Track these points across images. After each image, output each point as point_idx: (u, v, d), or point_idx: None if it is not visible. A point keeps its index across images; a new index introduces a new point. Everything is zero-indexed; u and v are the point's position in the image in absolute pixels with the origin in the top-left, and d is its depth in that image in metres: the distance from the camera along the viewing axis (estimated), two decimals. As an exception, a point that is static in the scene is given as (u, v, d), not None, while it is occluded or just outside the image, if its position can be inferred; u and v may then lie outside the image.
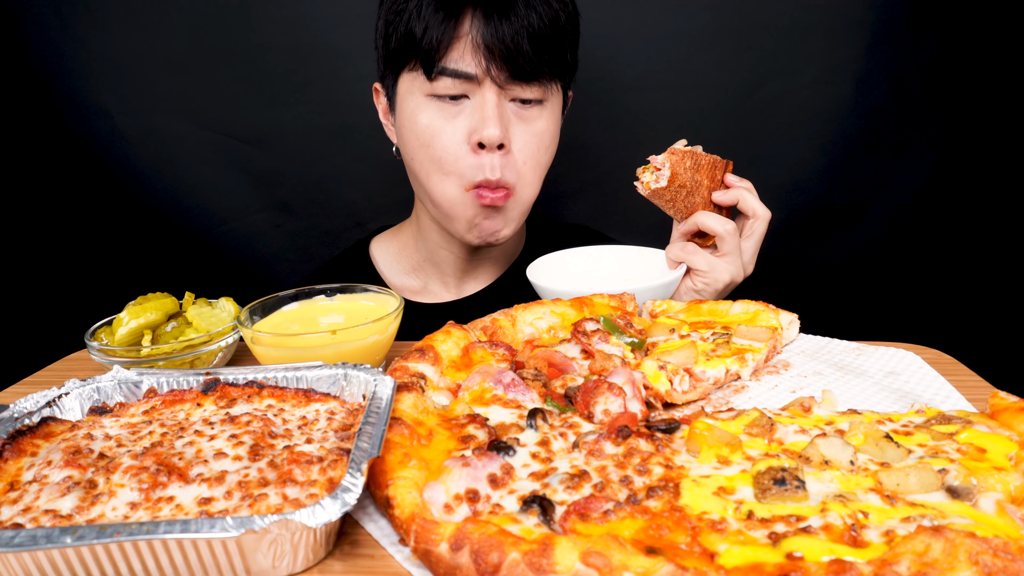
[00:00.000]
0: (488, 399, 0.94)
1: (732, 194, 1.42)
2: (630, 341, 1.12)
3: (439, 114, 1.43)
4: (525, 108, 1.45)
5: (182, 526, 0.63)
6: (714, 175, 1.43)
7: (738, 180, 1.44)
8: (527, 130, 1.46)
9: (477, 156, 1.43)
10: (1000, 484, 0.72)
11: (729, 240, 1.38)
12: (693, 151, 1.39)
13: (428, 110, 1.44)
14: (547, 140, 1.50)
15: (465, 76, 1.38)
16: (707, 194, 1.43)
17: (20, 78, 2.21)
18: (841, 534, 0.65)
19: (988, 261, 2.39)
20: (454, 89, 1.40)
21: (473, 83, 1.39)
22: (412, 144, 1.49)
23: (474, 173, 1.44)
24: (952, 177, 2.32)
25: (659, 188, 1.38)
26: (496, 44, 1.34)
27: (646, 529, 0.67)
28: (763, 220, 1.42)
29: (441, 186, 1.48)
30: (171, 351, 1.14)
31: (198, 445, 0.82)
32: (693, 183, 1.40)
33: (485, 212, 1.49)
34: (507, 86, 1.40)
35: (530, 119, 1.46)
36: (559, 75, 1.48)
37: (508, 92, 1.42)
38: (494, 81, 1.38)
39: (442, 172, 1.46)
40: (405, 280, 1.81)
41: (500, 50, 1.34)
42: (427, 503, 0.72)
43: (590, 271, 1.55)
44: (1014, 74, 2.20)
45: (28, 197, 2.33)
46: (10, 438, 0.83)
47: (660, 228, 1.62)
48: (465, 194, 1.47)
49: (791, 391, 1.07)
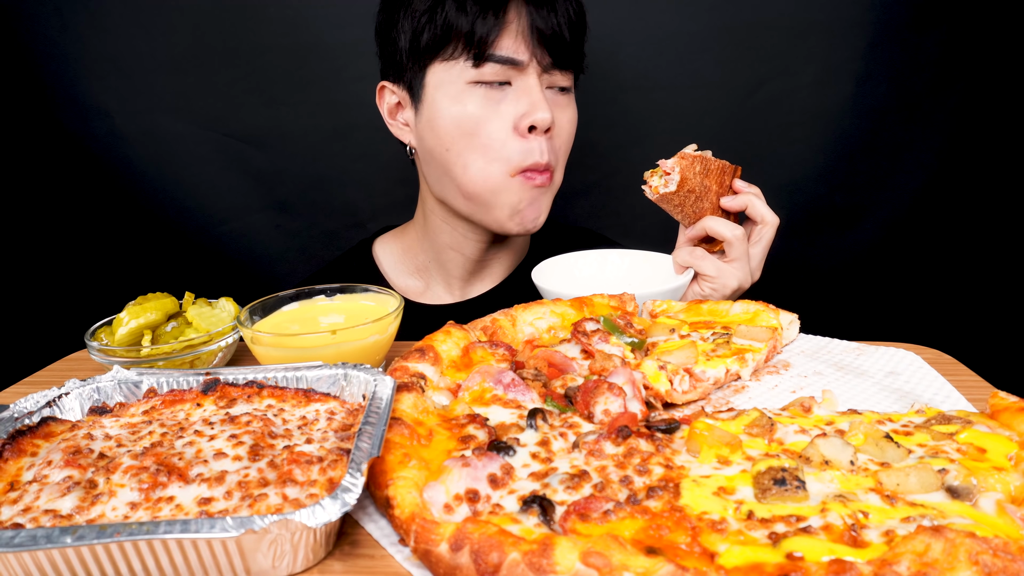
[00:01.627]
0: (488, 399, 0.93)
1: (741, 199, 1.41)
2: (630, 341, 1.12)
3: (484, 101, 1.44)
4: (560, 95, 1.51)
5: (182, 526, 0.63)
6: (723, 180, 1.42)
7: (747, 186, 1.44)
8: (562, 116, 1.51)
9: (525, 141, 1.46)
10: (1000, 484, 0.72)
11: (737, 245, 1.37)
12: (703, 156, 1.38)
13: (472, 98, 1.44)
14: (573, 128, 1.56)
15: (512, 62, 1.42)
16: (715, 199, 1.42)
17: (20, 78, 2.21)
18: (841, 534, 0.65)
19: (988, 261, 2.39)
20: (500, 76, 1.43)
21: (517, 69, 1.43)
22: (450, 134, 1.48)
23: (523, 158, 1.46)
24: (952, 177, 2.32)
25: (668, 193, 1.37)
26: (545, 30, 1.40)
27: (646, 529, 0.67)
28: (771, 226, 1.41)
29: (484, 174, 1.48)
30: (171, 351, 1.14)
31: (198, 445, 0.82)
32: (702, 188, 1.39)
33: (530, 197, 1.52)
34: (549, 72, 1.46)
35: (563, 105, 1.52)
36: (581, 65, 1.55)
37: (547, 79, 1.47)
38: (539, 66, 1.43)
39: (487, 159, 1.47)
40: (408, 281, 1.81)
41: (547, 36, 1.41)
42: (427, 503, 0.72)
43: (596, 275, 1.54)
44: (1014, 74, 2.20)
45: (28, 197, 2.33)
46: (10, 438, 0.83)
47: (660, 230, 1.63)
48: (511, 180, 1.49)
49: (791, 391, 1.07)
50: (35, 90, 2.22)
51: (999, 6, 2.15)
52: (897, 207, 2.35)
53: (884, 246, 2.39)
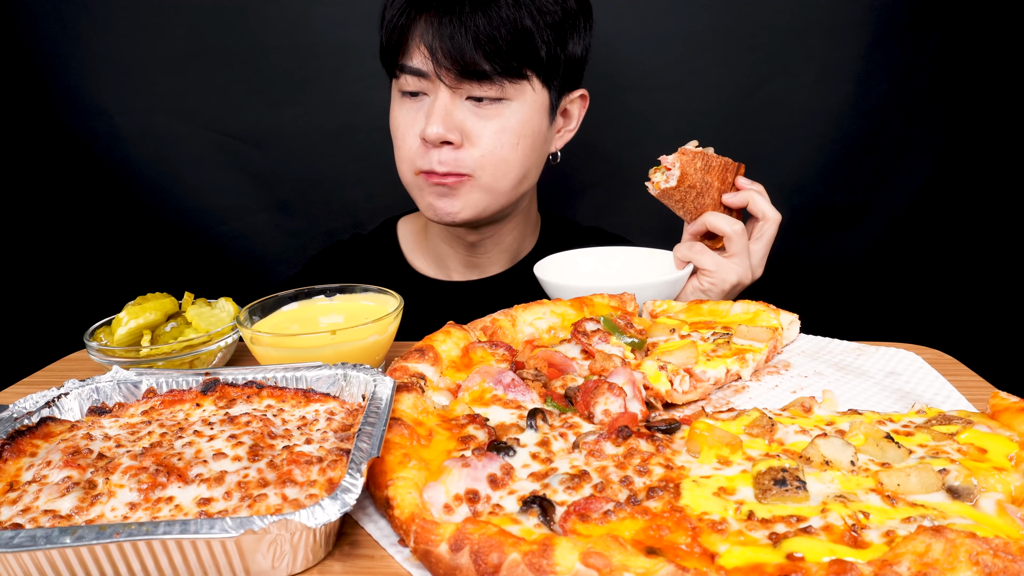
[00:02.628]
0: (488, 399, 0.93)
1: (742, 196, 1.42)
2: (630, 341, 1.12)
3: (402, 110, 1.55)
4: (481, 106, 1.48)
5: (181, 526, 0.63)
6: (725, 177, 1.42)
7: (749, 183, 1.44)
8: (486, 126, 1.49)
9: (427, 149, 1.51)
10: (1000, 484, 0.72)
11: (737, 240, 1.39)
12: (704, 152, 1.39)
13: (398, 107, 1.57)
14: (510, 137, 1.51)
15: (419, 74, 1.46)
16: (717, 196, 1.43)
17: (20, 78, 2.20)
18: (842, 534, 0.65)
19: (988, 261, 2.39)
20: (414, 86, 1.50)
21: (429, 81, 1.46)
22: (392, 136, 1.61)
23: (422, 163, 1.53)
24: (952, 177, 2.32)
25: (668, 188, 1.38)
26: (439, 45, 1.41)
27: (646, 529, 0.67)
28: (773, 223, 1.42)
29: (400, 172, 1.62)
30: (170, 351, 1.14)
31: (197, 445, 0.82)
32: (703, 184, 1.40)
33: (437, 192, 1.55)
34: (459, 84, 1.45)
35: (489, 116, 1.49)
36: (518, 74, 1.46)
37: (463, 90, 1.46)
38: (443, 80, 1.44)
39: (399, 159, 1.60)
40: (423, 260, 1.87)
41: (443, 50, 1.41)
42: (427, 503, 0.72)
43: (598, 270, 1.56)
44: (1014, 74, 2.20)
45: (28, 197, 2.33)
46: (9, 438, 0.83)
47: (660, 229, 1.63)
48: (416, 177, 1.56)
49: (791, 391, 1.07)
50: (35, 90, 2.22)
51: (998, 6, 2.14)
52: (897, 207, 2.35)
53: (884, 246, 2.39)
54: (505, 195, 1.59)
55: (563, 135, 1.70)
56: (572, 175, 2.27)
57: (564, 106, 1.64)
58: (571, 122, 1.70)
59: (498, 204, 1.60)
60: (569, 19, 1.50)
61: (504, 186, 1.57)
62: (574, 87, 1.63)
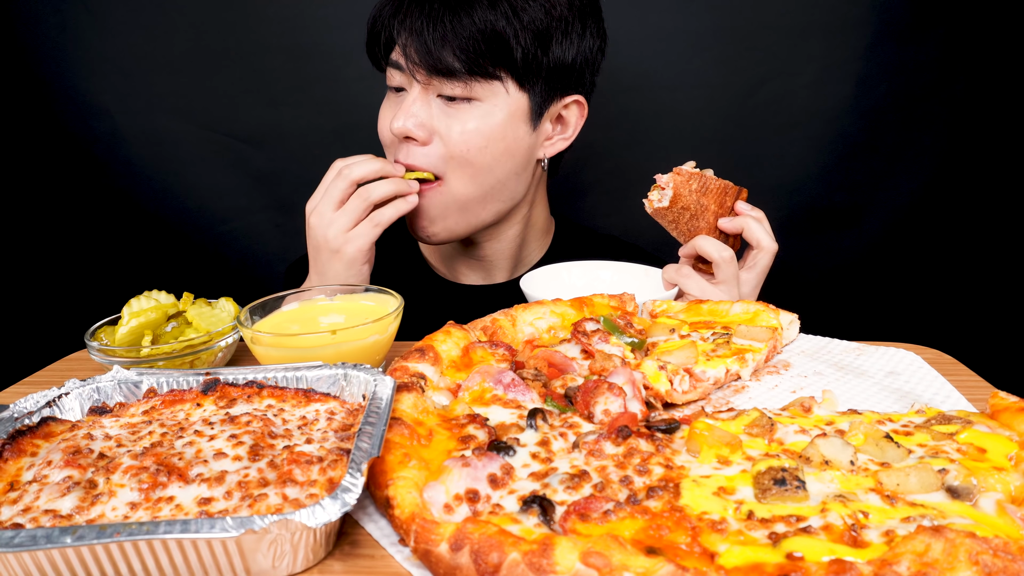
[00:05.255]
0: (488, 399, 0.93)
1: (737, 222, 1.38)
2: (630, 341, 1.12)
3: (387, 104, 1.60)
4: (451, 105, 1.48)
5: (182, 526, 0.63)
6: (723, 201, 1.39)
7: (749, 208, 1.40)
8: (452, 126, 1.48)
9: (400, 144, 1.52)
10: (1000, 484, 0.72)
11: (725, 268, 1.36)
12: (702, 174, 1.36)
13: (386, 101, 1.61)
14: (477, 139, 1.48)
15: (398, 67, 1.50)
16: (713, 219, 1.39)
17: (20, 78, 2.21)
18: (841, 534, 0.65)
19: (988, 261, 2.39)
20: (398, 81, 1.53)
21: (407, 76, 1.48)
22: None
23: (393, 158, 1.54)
24: (952, 177, 2.32)
25: (661, 208, 1.36)
26: (411, 41, 1.43)
27: (646, 529, 0.67)
28: (767, 252, 1.39)
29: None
30: (171, 351, 1.14)
31: (198, 445, 0.82)
32: (698, 206, 1.37)
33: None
34: (430, 81, 1.46)
35: (457, 115, 1.48)
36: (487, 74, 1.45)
37: (434, 87, 1.47)
38: (415, 76, 1.46)
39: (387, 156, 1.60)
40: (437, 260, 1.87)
41: (414, 46, 1.43)
42: (427, 503, 0.72)
43: (587, 286, 1.52)
44: (1014, 74, 2.20)
45: (28, 197, 2.33)
46: (10, 438, 0.83)
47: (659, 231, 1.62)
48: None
49: (791, 391, 1.07)
50: (35, 90, 2.22)
51: (998, 6, 2.15)
52: (897, 207, 2.35)
53: (884, 246, 2.39)
54: (479, 205, 1.56)
55: (555, 142, 1.63)
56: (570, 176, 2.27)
57: (558, 112, 1.59)
58: (567, 130, 1.63)
59: (477, 219, 1.58)
60: (558, 24, 1.47)
61: (474, 192, 1.53)
62: (566, 93, 1.56)
